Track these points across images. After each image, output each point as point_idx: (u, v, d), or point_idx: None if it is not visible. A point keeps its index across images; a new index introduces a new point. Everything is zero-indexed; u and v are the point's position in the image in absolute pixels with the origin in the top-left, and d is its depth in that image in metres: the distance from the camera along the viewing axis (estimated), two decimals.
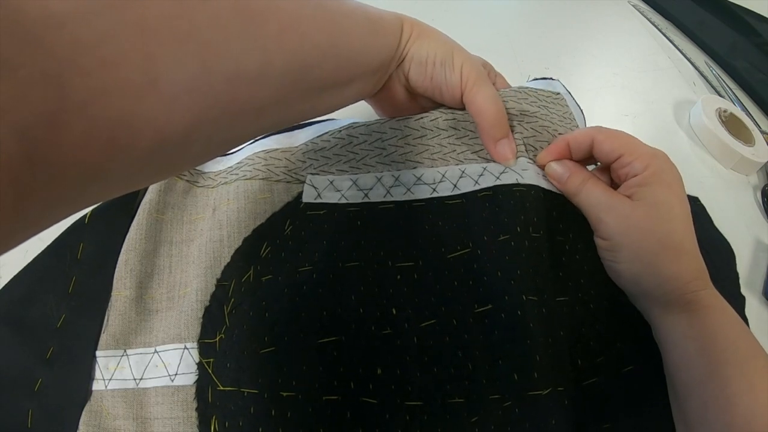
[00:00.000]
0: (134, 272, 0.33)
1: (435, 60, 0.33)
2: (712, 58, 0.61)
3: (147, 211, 0.35)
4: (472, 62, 0.34)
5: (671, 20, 0.66)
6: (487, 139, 0.34)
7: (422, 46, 0.33)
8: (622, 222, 0.30)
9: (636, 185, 0.30)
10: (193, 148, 0.22)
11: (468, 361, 0.28)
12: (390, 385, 0.28)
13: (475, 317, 0.29)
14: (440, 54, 0.33)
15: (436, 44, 0.33)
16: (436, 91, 0.34)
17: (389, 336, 0.29)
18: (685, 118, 0.53)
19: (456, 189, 0.34)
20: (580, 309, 0.31)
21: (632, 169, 0.31)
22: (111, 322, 0.32)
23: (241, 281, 0.32)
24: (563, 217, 0.33)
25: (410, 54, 0.33)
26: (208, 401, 0.29)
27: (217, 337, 0.30)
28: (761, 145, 0.49)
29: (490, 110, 0.33)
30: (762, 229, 0.44)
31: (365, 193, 0.34)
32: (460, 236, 0.31)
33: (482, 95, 0.33)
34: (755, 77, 0.56)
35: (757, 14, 0.64)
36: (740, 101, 0.55)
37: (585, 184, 0.32)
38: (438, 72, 0.33)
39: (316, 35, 0.26)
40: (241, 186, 0.35)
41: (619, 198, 0.31)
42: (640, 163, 0.30)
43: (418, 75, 0.34)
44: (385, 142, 0.36)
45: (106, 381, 0.30)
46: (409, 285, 0.30)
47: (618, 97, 0.55)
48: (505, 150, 0.34)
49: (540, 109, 0.36)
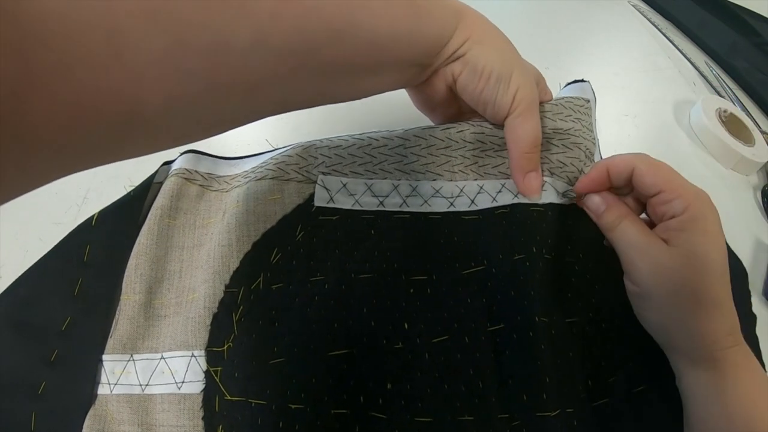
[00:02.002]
0: (144, 277, 0.32)
1: (491, 74, 0.30)
2: (712, 58, 0.60)
3: (158, 216, 0.33)
4: (528, 87, 0.31)
5: (671, 20, 0.65)
6: (517, 170, 0.32)
7: (482, 53, 0.30)
8: (655, 270, 0.27)
9: (674, 229, 0.28)
10: (176, 121, 0.21)
11: (478, 379, 0.27)
12: (400, 400, 0.27)
13: (487, 336, 0.28)
14: (498, 69, 0.30)
15: (497, 56, 0.30)
16: (481, 104, 0.32)
17: (400, 350, 0.28)
18: (685, 118, 0.52)
19: (473, 205, 0.32)
20: (590, 329, 0.30)
21: (671, 209, 0.28)
22: (119, 327, 0.31)
23: (250, 288, 0.30)
24: (575, 236, 0.32)
25: (466, 57, 0.30)
26: (215, 410, 0.28)
27: (225, 346, 0.29)
28: (761, 145, 0.48)
29: (528, 142, 0.31)
30: (762, 229, 0.44)
31: (380, 201, 0.33)
32: (474, 253, 0.30)
33: (526, 126, 0.31)
34: (755, 77, 0.55)
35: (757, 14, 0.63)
36: (740, 101, 0.54)
37: (621, 221, 0.30)
38: (491, 88, 0.30)
39: (328, 14, 0.23)
40: (252, 187, 0.34)
41: (655, 242, 0.28)
42: (681, 204, 0.27)
43: (468, 83, 0.31)
44: (407, 150, 0.34)
45: (111, 385, 0.29)
46: (422, 299, 0.29)
47: (618, 97, 0.54)
48: (532, 184, 0.32)
49: (574, 124, 0.35)
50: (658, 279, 0.27)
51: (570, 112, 0.35)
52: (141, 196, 0.35)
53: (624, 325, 0.30)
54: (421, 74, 0.31)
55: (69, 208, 0.38)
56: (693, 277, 0.26)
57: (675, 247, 0.27)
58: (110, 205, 0.35)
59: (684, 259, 0.27)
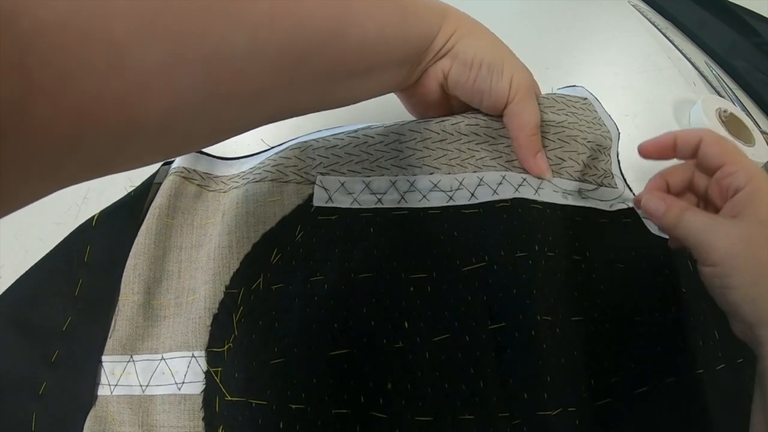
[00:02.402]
0: (142, 277, 0.31)
1: (482, 62, 0.30)
2: (712, 58, 0.59)
3: (156, 215, 0.33)
4: (523, 72, 0.32)
5: (671, 20, 0.64)
6: (527, 152, 0.32)
7: (470, 44, 0.30)
8: (731, 244, 0.26)
9: (740, 203, 0.27)
10: (176, 131, 0.21)
11: (479, 378, 0.27)
12: (400, 399, 0.27)
13: (488, 334, 0.28)
14: (489, 57, 0.30)
15: (486, 45, 0.31)
16: (476, 95, 0.32)
17: (401, 350, 0.28)
18: (685, 118, 0.51)
19: (473, 198, 0.32)
20: (595, 328, 0.30)
21: (734, 180, 0.27)
22: (118, 327, 0.30)
23: (250, 289, 0.30)
24: (580, 236, 0.32)
25: (455, 51, 0.30)
26: (216, 411, 0.27)
27: (226, 346, 0.29)
28: (761, 145, 0.48)
29: (532, 125, 0.31)
30: None
31: (378, 198, 0.33)
32: (475, 248, 0.30)
33: (528, 110, 0.31)
34: (755, 77, 0.55)
35: (757, 14, 0.62)
36: (740, 101, 0.53)
37: (684, 213, 0.29)
38: (483, 76, 0.31)
39: (317, 18, 0.23)
40: (251, 189, 0.34)
41: (724, 220, 0.27)
42: (744, 176, 0.27)
43: (460, 75, 0.31)
44: (402, 144, 0.34)
45: (111, 386, 0.29)
46: (422, 298, 0.29)
47: (618, 97, 0.53)
48: (542, 163, 0.32)
49: (567, 117, 0.35)
50: (736, 251, 0.26)
51: (562, 106, 0.35)
52: (141, 196, 0.35)
53: (629, 326, 0.30)
54: (411, 75, 0.31)
55: (69, 208, 0.38)
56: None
57: (745, 219, 0.27)
58: (111, 206, 0.35)
59: (756, 227, 0.26)
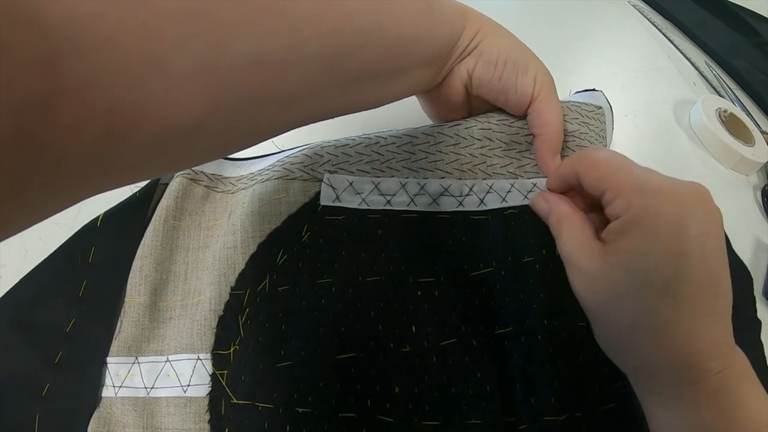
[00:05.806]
0: (149, 279, 0.31)
1: (507, 60, 0.30)
2: (712, 58, 0.58)
3: (163, 217, 0.32)
4: (545, 72, 0.31)
5: (671, 20, 0.63)
6: (548, 151, 0.31)
7: (493, 43, 0.30)
8: (586, 284, 0.23)
9: (612, 232, 0.22)
10: (209, 138, 0.19)
11: (486, 382, 0.27)
12: (407, 403, 0.26)
13: (496, 339, 0.27)
14: (513, 56, 0.30)
15: (509, 43, 0.30)
16: (501, 94, 0.31)
17: (408, 354, 0.27)
18: (685, 118, 0.50)
19: (482, 205, 0.31)
20: None
21: (614, 210, 0.22)
22: (123, 329, 0.30)
23: (256, 290, 0.29)
24: None
25: (479, 50, 0.30)
26: (221, 414, 0.27)
27: (231, 349, 0.28)
28: (761, 145, 0.47)
29: (556, 124, 0.31)
30: (762, 229, 0.43)
31: (387, 200, 0.32)
32: (483, 254, 0.30)
33: (553, 108, 0.31)
34: (755, 77, 0.54)
35: (757, 14, 0.61)
36: (740, 101, 0.53)
37: (562, 225, 0.24)
38: (509, 74, 0.30)
39: (358, 16, 0.22)
40: (257, 189, 0.33)
41: (589, 249, 0.23)
42: (623, 202, 0.22)
43: (485, 73, 0.30)
44: (415, 147, 0.33)
45: (116, 388, 0.29)
46: (429, 302, 0.28)
47: (618, 97, 0.52)
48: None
49: (580, 127, 0.34)
50: (592, 296, 0.22)
51: (576, 115, 0.34)
52: (147, 197, 0.34)
53: None
54: (437, 76, 0.30)
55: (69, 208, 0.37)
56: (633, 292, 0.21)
57: (609, 255, 0.22)
58: (116, 206, 0.34)
59: (618, 269, 0.21)
